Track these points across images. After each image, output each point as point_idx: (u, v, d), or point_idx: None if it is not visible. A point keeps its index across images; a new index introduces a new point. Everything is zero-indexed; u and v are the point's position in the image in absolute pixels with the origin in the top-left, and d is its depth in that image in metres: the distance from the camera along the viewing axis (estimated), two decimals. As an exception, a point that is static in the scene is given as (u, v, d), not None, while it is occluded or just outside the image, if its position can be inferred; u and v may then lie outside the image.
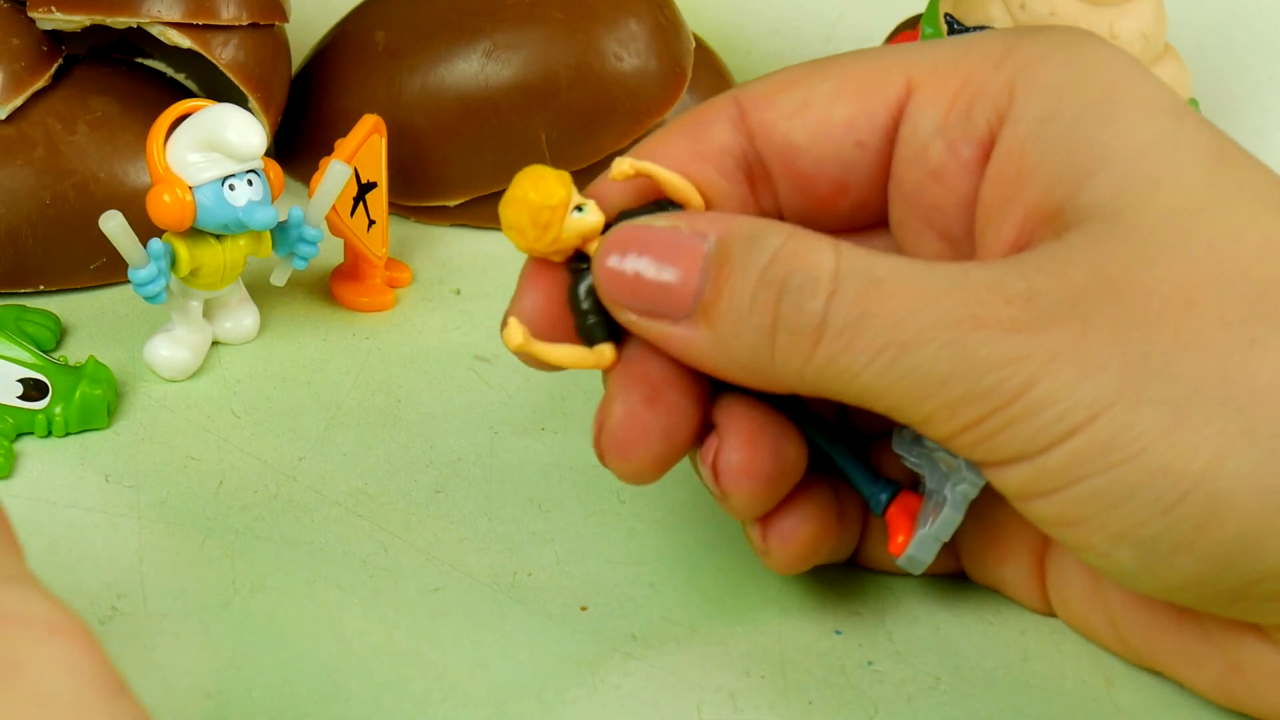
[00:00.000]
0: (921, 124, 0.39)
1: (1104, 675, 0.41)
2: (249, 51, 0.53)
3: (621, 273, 0.38)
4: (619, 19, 0.55)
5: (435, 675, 0.41)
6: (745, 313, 0.37)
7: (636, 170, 0.39)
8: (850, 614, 0.43)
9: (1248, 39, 0.66)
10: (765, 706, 0.40)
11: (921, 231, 0.40)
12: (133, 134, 0.53)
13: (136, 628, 0.41)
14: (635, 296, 0.38)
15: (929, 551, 0.40)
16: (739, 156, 0.40)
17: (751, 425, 0.39)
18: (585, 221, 0.39)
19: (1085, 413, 0.35)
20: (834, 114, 0.40)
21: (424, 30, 0.56)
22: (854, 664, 0.42)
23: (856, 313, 0.36)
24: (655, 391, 0.39)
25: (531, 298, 0.40)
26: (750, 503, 0.40)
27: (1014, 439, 0.35)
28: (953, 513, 0.40)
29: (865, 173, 0.40)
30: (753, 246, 0.37)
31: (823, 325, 0.36)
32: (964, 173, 0.39)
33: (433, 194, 0.56)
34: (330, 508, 0.45)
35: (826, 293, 0.36)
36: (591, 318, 0.39)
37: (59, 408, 0.47)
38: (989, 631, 0.43)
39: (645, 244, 0.38)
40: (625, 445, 0.39)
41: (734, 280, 0.37)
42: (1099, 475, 0.35)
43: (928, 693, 0.41)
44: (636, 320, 0.38)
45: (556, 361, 0.40)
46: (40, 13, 0.52)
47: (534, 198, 0.39)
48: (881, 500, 0.41)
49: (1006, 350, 0.35)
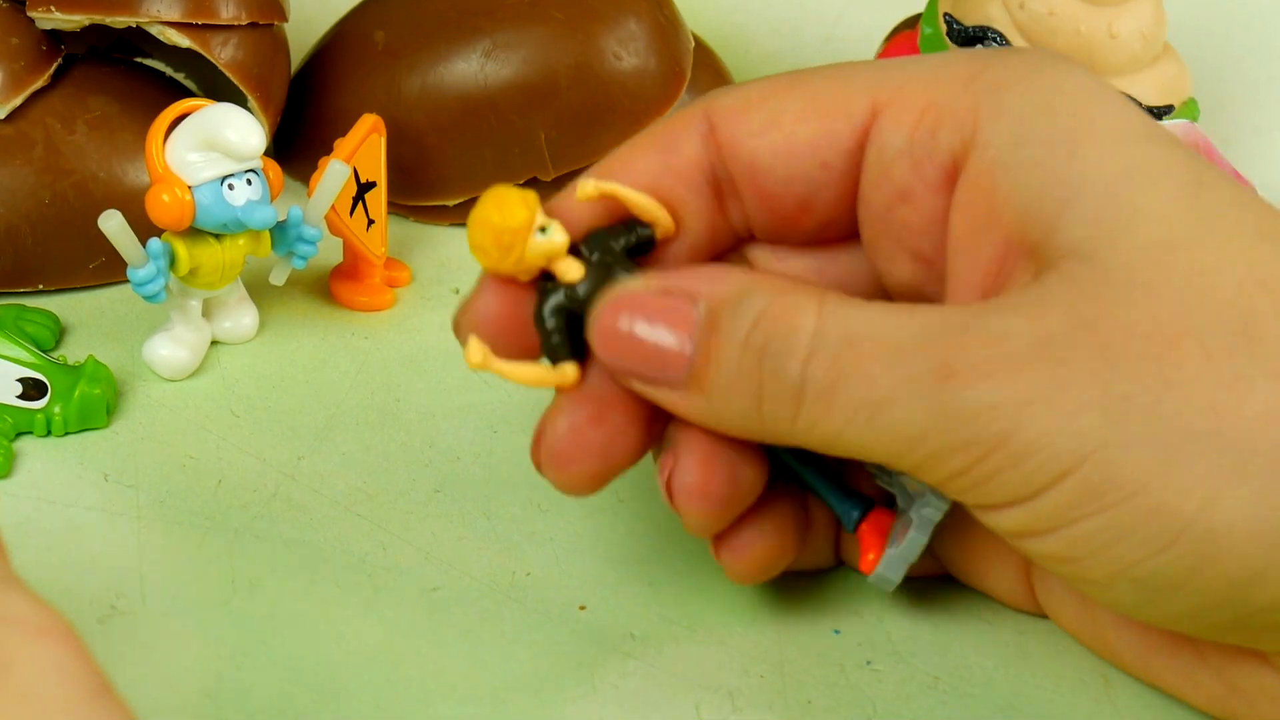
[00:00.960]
0: (887, 145, 0.39)
1: (1102, 675, 0.41)
2: (248, 51, 0.53)
3: (618, 339, 0.38)
4: (618, 18, 0.55)
5: (434, 674, 0.41)
6: (733, 379, 0.37)
7: (601, 192, 0.39)
8: (849, 613, 0.43)
9: (1248, 39, 0.66)
10: (764, 706, 0.40)
11: (893, 251, 0.40)
12: (132, 133, 0.53)
13: (136, 627, 0.41)
14: (635, 365, 0.38)
15: (897, 572, 0.40)
16: (707, 171, 0.40)
17: (706, 446, 0.39)
18: (549, 243, 0.39)
19: (1071, 457, 0.34)
20: (799, 133, 0.40)
21: (423, 30, 0.56)
22: (853, 663, 0.42)
23: (833, 375, 0.36)
24: (602, 410, 0.39)
25: (488, 302, 0.40)
26: (703, 522, 0.40)
27: (1003, 485, 0.35)
28: (918, 535, 0.40)
29: (830, 193, 0.40)
30: (737, 312, 0.37)
31: (801, 389, 0.36)
32: (930, 194, 0.39)
33: (432, 193, 0.56)
34: (329, 507, 0.45)
35: (804, 356, 0.36)
36: (556, 337, 0.39)
37: (58, 407, 0.47)
38: (988, 631, 0.43)
39: (638, 308, 0.38)
40: (563, 459, 0.39)
41: (721, 348, 0.37)
42: (1092, 517, 0.35)
43: (926, 692, 0.41)
44: (641, 388, 0.39)
45: (518, 380, 0.40)
46: (39, 12, 0.52)
47: (496, 219, 0.39)
48: (853, 518, 0.41)
49: (979, 398, 0.35)
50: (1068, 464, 0.35)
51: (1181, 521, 0.34)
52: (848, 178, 0.40)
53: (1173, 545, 0.35)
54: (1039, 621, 0.43)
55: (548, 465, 0.40)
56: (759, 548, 0.41)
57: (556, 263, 0.39)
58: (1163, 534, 0.34)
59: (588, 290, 0.39)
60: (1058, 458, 0.35)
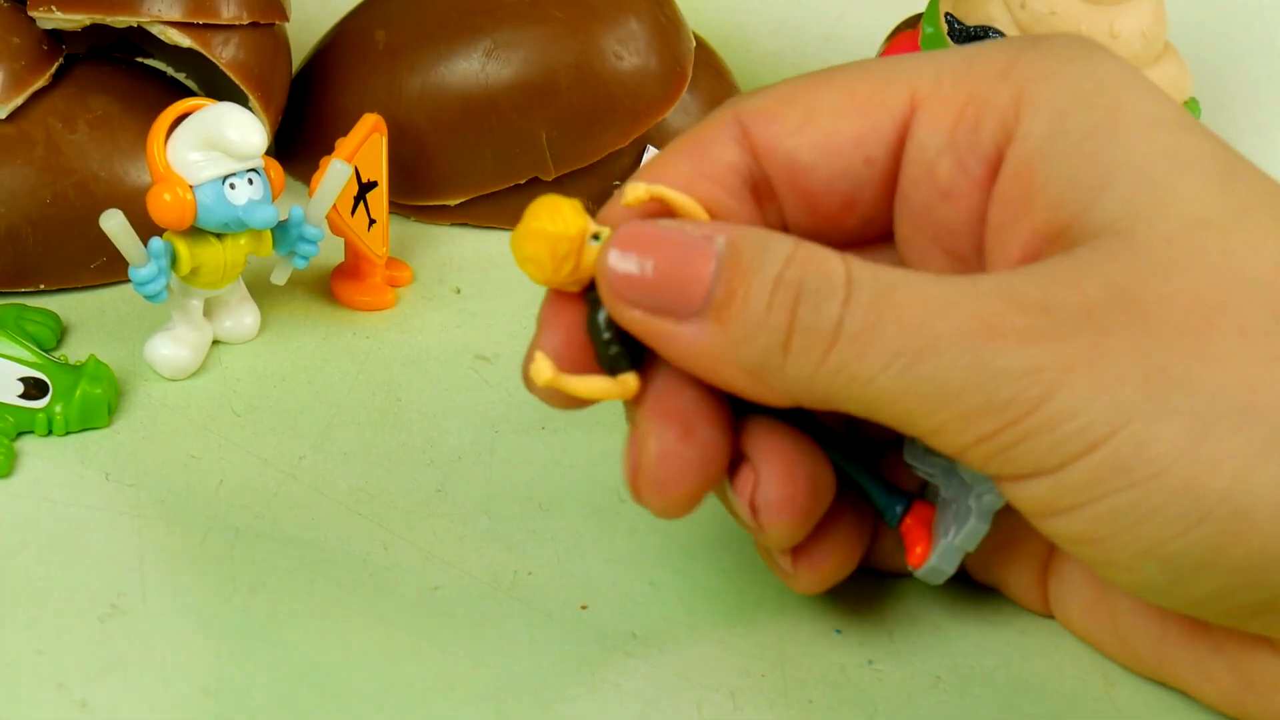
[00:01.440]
0: (928, 141, 0.39)
1: (1103, 675, 0.42)
2: (249, 50, 0.53)
3: (628, 274, 0.37)
4: (619, 18, 0.55)
5: (435, 674, 0.41)
6: (761, 315, 0.36)
7: (650, 195, 0.39)
8: (850, 613, 0.43)
9: (1248, 38, 0.67)
10: (765, 705, 0.40)
11: (928, 249, 0.40)
12: (133, 133, 0.53)
13: (136, 626, 0.41)
14: (641, 291, 0.37)
15: (952, 563, 0.40)
16: (744, 174, 0.40)
17: (786, 457, 0.39)
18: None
19: (1105, 427, 0.34)
20: (840, 129, 0.39)
21: (424, 29, 0.56)
22: (854, 663, 0.42)
23: (872, 318, 0.35)
24: (689, 426, 0.38)
25: (554, 335, 0.39)
26: (791, 536, 0.39)
27: (1030, 453, 0.35)
28: (979, 524, 0.39)
29: (873, 189, 0.40)
30: (765, 250, 0.36)
31: (838, 329, 0.36)
32: (974, 190, 0.39)
33: (433, 193, 0.56)
34: (330, 506, 0.45)
35: (842, 297, 0.36)
36: (614, 347, 0.38)
37: (59, 406, 0.47)
38: (989, 631, 0.43)
39: (653, 241, 0.37)
40: (664, 483, 0.38)
41: (751, 282, 0.36)
42: (1120, 493, 0.34)
43: (927, 692, 0.41)
44: (640, 318, 0.37)
45: (584, 394, 0.38)
46: (41, 12, 0.52)
47: (552, 229, 0.38)
48: (897, 513, 0.41)
49: (1024, 361, 0.35)
50: (1100, 433, 0.34)
51: (1212, 498, 0.34)
52: (888, 172, 0.39)
53: (1202, 523, 0.34)
54: (1041, 621, 0.43)
55: (649, 492, 0.39)
56: (834, 559, 0.40)
57: None
58: (1192, 511, 0.34)
59: None
60: (1091, 427, 0.34)
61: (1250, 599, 0.36)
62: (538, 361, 0.38)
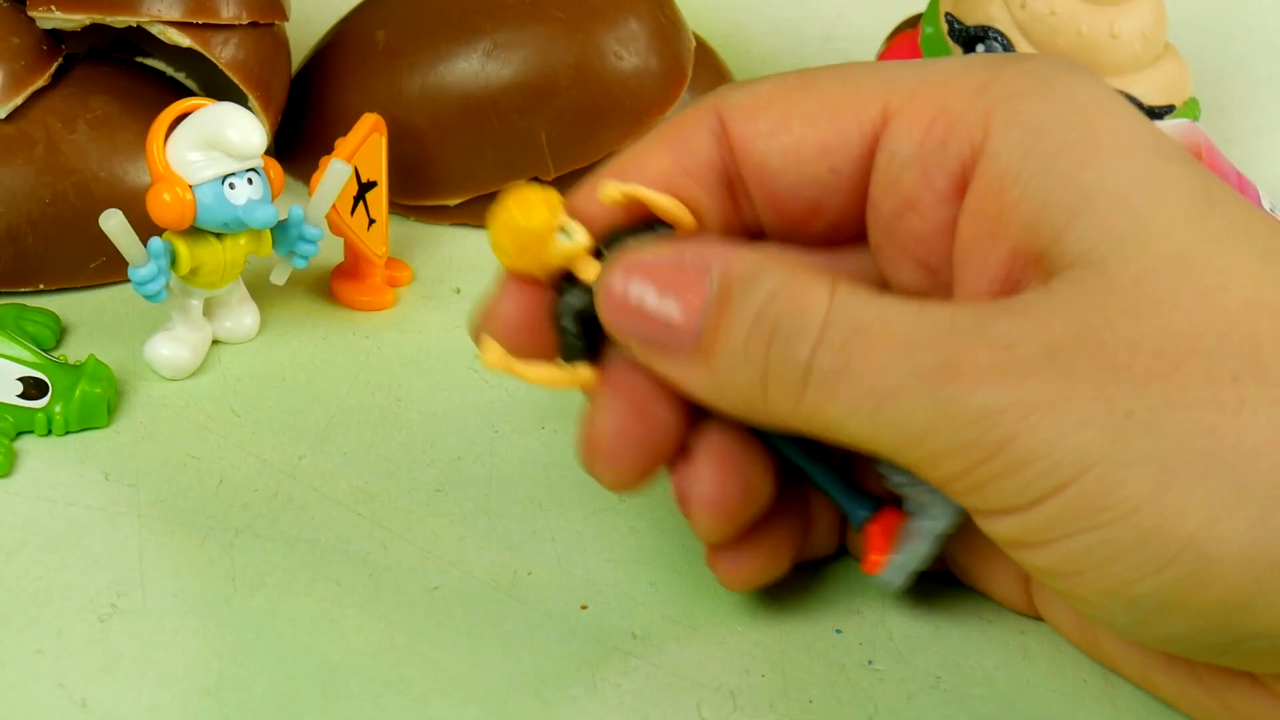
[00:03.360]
0: (897, 152, 0.39)
1: (1104, 674, 0.42)
2: (249, 50, 0.53)
3: (626, 304, 0.38)
4: (619, 18, 0.55)
5: (435, 673, 0.41)
6: (739, 356, 0.37)
7: (624, 194, 0.39)
8: (850, 613, 0.43)
9: (1248, 38, 0.67)
10: (765, 705, 0.40)
11: (899, 258, 0.40)
12: (133, 133, 0.53)
13: (136, 625, 0.41)
14: (639, 329, 0.38)
15: (899, 578, 0.40)
16: (720, 170, 0.40)
17: (726, 458, 0.39)
18: (570, 245, 0.39)
19: (1071, 470, 0.34)
20: (809, 137, 0.39)
21: (424, 29, 0.56)
22: (854, 663, 0.42)
23: (841, 362, 0.36)
24: (643, 404, 0.39)
25: (508, 304, 0.40)
26: (714, 533, 0.40)
27: (1000, 492, 0.35)
28: (922, 546, 0.40)
29: (840, 197, 0.40)
30: (750, 288, 0.37)
31: (808, 373, 0.36)
32: (938, 203, 0.39)
33: (433, 193, 0.56)
34: (330, 506, 0.45)
35: (813, 340, 0.36)
36: (573, 338, 0.39)
37: (59, 406, 0.47)
38: (989, 631, 0.43)
39: (649, 275, 0.38)
40: (614, 455, 0.39)
41: (730, 323, 0.37)
42: (1088, 533, 0.35)
43: (928, 692, 0.41)
44: (640, 351, 0.38)
45: (535, 381, 0.40)
46: (40, 12, 0.52)
47: (518, 220, 0.39)
48: (861, 518, 0.41)
49: (983, 402, 0.35)
50: (1066, 476, 0.34)
51: (1177, 544, 0.34)
52: (857, 182, 0.40)
53: (1168, 567, 0.34)
54: (1040, 622, 0.43)
55: (599, 465, 0.40)
56: (755, 564, 0.41)
57: (577, 264, 0.39)
58: (1158, 555, 0.34)
59: None
60: (1057, 469, 0.34)
61: (1218, 641, 0.36)
62: (486, 344, 0.39)
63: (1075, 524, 0.35)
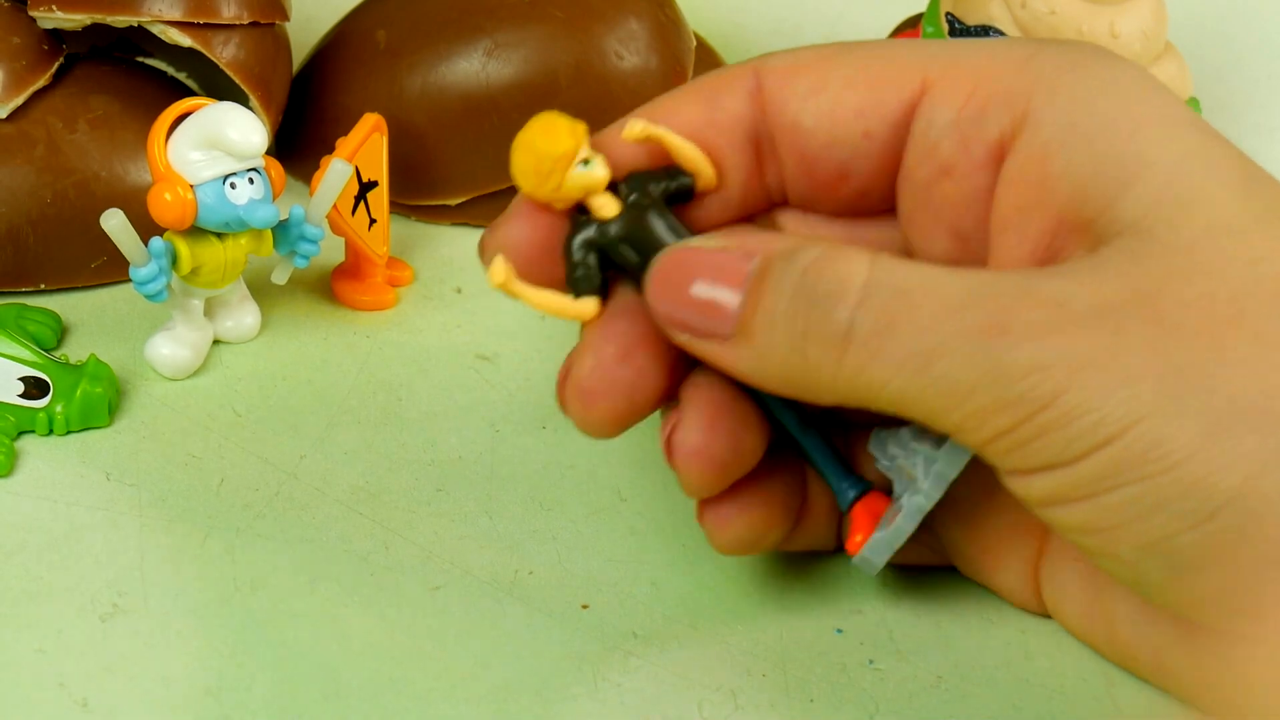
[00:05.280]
0: (935, 120, 0.39)
1: (1105, 674, 0.41)
2: (250, 50, 0.53)
3: (672, 297, 0.38)
4: (619, 17, 0.55)
5: (436, 673, 0.41)
6: (780, 324, 0.37)
7: (648, 135, 0.39)
8: (851, 612, 0.43)
9: (1248, 38, 0.67)
10: (766, 705, 0.40)
11: (931, 227, 0.40)
12: (133, 132, 0.53)
13: (137, 625, 0.41)
14: (686, 317, 0.38)
15: (880, 555, 0.40)
16: (749, 129, 0.40)
17: (713, 408, 0.39)
18: (590, 176, 0.39)
19: (1119, 423, 0.34)
20: (845, 100, 0.40)
21: (425, 29, 0.56)
22: (855, 662, 0.42)
23: (883, 322, 0.36)
24: (628, 349, 0.39)
25: (519, 228, 0.40)
26: (700, 484, 0.40)
27: (1046, 447, 0.35)
28: (905, 522, 0.40)
29: (869, 163, 0.40)
30: (789, 262, 0.37)
31: (849, 334, 0.36)
32: (974, 170, 0.39)
33: (434, 193, 0.56)
34: (331, 506, 0.45)
35: (854, 302, 0.36)
36: (582, 270, 0.40)
37: (60, 406, 0.47)
38: (990, 630, 0.43)
39: (694, 268, 0.38)
40: (589, 395, 0.39)
41: (769, 294, 0.37)
42: (1131, 485, 0.35)
43: (929, 691, 0.41)
44: (688, 341, 0.38)
45: (536, 305, 0.40)
46: (41, 11, 0.52)
47: (540, 145, 0.39)
48: (849, 497, 0.41)
49: (1033, 357, 0.35)
50: (1114, 430, 0.34)
51: (1223, 496, 0.34)
52: (889, 149, 0.40)
53: (1210, 519, 0.34)
54: (1042, 621, 0.43)
55: (573, 401, 0.40)
56: (744, 520, 0.41)
57: (594, 197, 0.39)
58: (1201, 507, 0.34)
59: (619, 230, 0.39)
60: (1105, 423, 0.34)
61: (1249, 603, 0.36)
62: (496, 263, 0.39)
63: (1119, 477, 0.35)
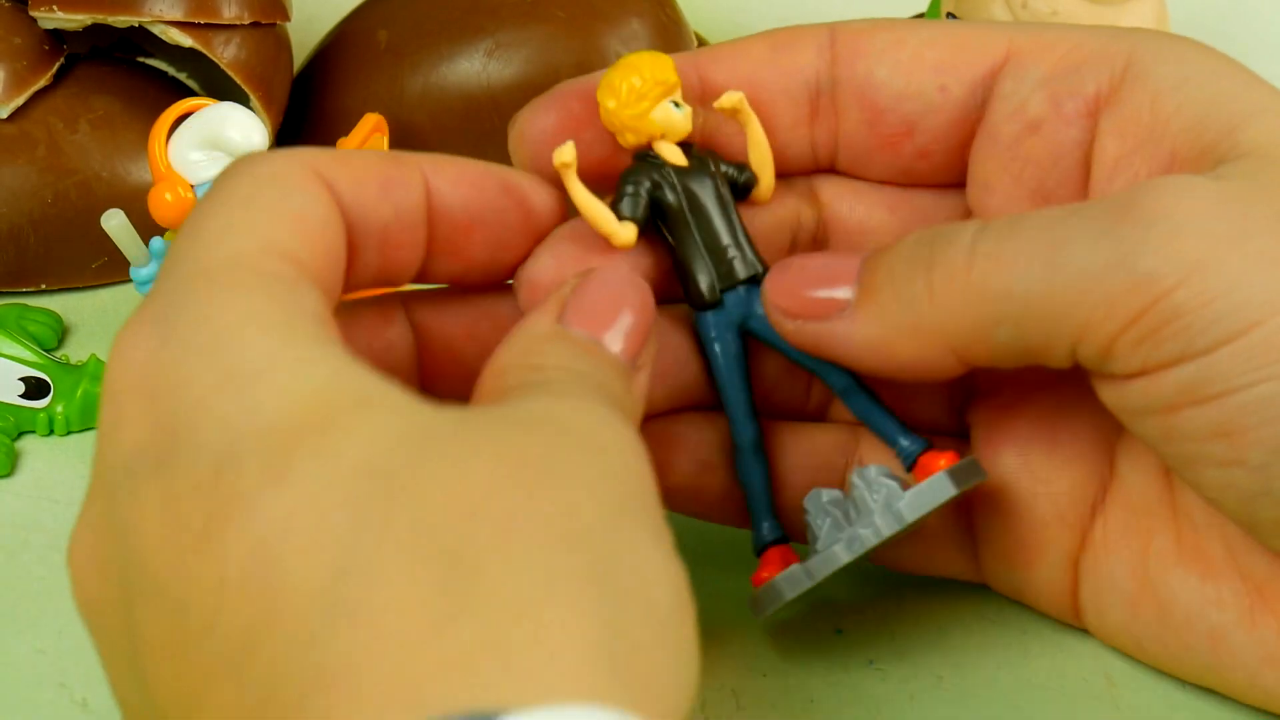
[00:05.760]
0: (1024, 77, 0.39)
1: (1105, 674, 0.41)
2: (251, 50, 0.53)
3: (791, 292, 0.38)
4: (621, 18, 0.55)
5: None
6: (903, 271, 0.36)
7: (737, 110, 0.39)
8: (852, 613, 0.43)
9: (1248, 38, 0.67)
10: (767, 705, 0.40)
11: (1010, 188, 0.39)
12: (134, 133, 0.53)
13: (138, 626, 0.41)
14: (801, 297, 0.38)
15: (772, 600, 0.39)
16: (812, 82, 0.40)
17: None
18: (675, 118, 0.39)
19: (1260, 310, 0.33)
20: (924, 57, 0.40)
21: (426, 29, 0.56)
22: (856, 663, 0.42)
23: (1006, 232, 0.35)
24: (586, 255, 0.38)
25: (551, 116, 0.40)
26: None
27: (1179, 334, 0.33)
28: (843, 551, 0.38)
29: (940, 118, 0.40)
30: (900, 241, 0.37)
31: (973, 251, 0.35)
32: (1064, 125, 0.38)
33: (434, 193, 0.56)
34: (332, 506, 0.45)
35: (973, 232, 0.36)
36: (632, 198, 0.39)
37: (61, 406, 0.47)
38: (991, 631, 0.43)
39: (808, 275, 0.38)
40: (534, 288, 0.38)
41: (889, 257, 0.37)
42: (1268, 382, 0.33)
43: (930, 691, 0.41)
44: (799, 327, 0.38)
45: (581, 205, 0.38)
46: (42, 12, 0.52)
47: (647, 67, 0.39)
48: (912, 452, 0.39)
49: (1164, 232, 0.33)
50: (1254, 316, 0.33)
51: None
52: (963, 109, 0.40)
53: None
54: (1043, 622, 0.43)
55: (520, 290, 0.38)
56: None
57: (666, 143, 0.39)
58: None
59: (682, 181, 0.39)
60: (1244, 307, 0.33)
61: None
62: (567, 145, 0.38)
63: (1255, 372, 0.33)
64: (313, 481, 0.28)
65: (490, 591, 0.26)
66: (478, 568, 0.27)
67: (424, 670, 0.26)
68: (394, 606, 0.26)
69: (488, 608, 0.26)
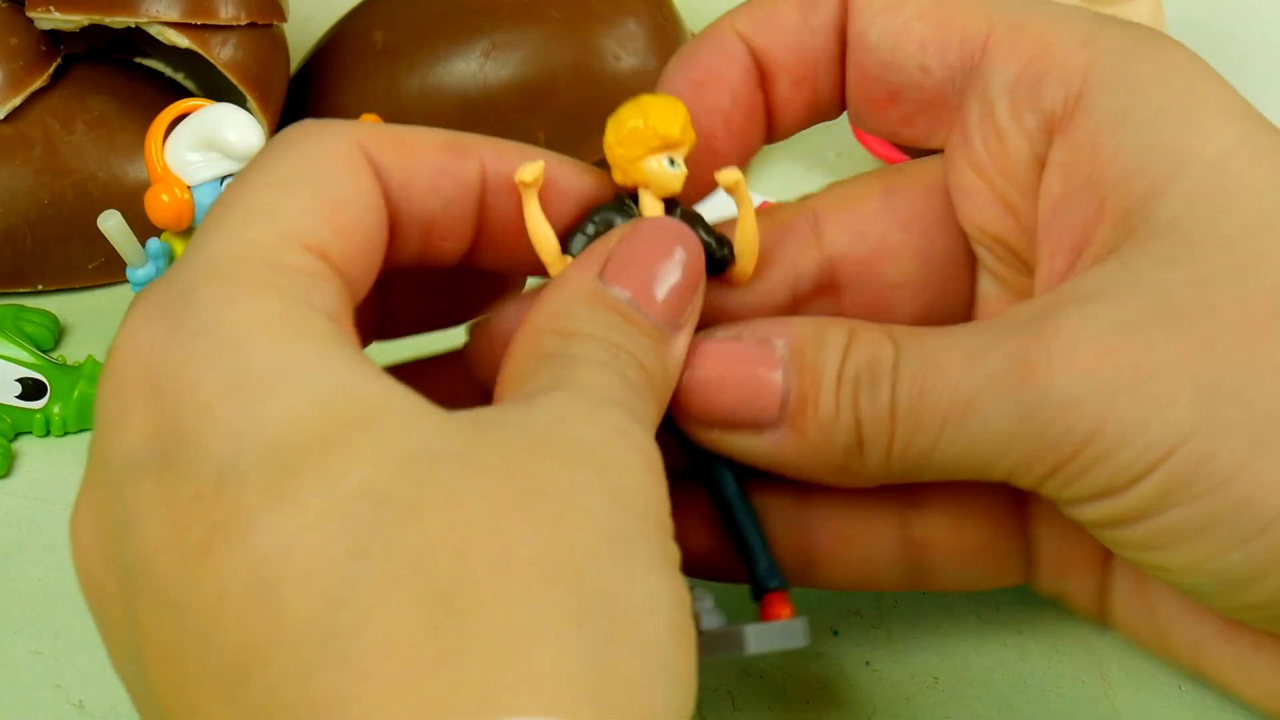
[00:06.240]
0: (992, 79, 0.39)
1: (1101, 675, 0.41)
2: (247, 51, 0.53)
3: (708, 386, 0.37)
4: (617, 18, 0.55)
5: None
6: (833, 417, 0.36)
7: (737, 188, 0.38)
8: (849, 613, 0.43)
9: (1248, 38, 0.67)
10: (764, 706, 0.40)
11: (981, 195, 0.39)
12: (131, 133, 0.53)
13: (134, 627, 0.41)
14: (727, 406, 0.37)
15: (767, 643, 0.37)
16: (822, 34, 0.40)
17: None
18: (666, 174, 0.38)
19: (1163, 448, 0.34)
20: (912, 30, 0.39)
21: (422, 29, 0.56)
22: (852, 664, 0.42)
23: (917, 389, 0.35)
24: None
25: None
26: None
27: (1094, 481, 0.35)
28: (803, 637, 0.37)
29: (919, 95, 0.40)
30: (824, 346, 0.37)
31: (893, 412, 0.36)
32: (1024, 139, 0.38)
33: (431, 193, 0.56)
34: (328, 507, 0.45)
35: (890, 380, 0.36)
36: (586, 237, 0.38)
37: (57, 407, 0.47)
38: (987, 631, 0.43)
39: (717, 359, 0.37)
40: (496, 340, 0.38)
41: (817, 385, 0.36)
42: (1181, 507, 0.34)
43: (926, 692, 0.41)
44: (719, 436, 0.37)
45: (533, 233, 0.37)
46: (39, 12, 0.52)
47: (654, 116, 0.38)
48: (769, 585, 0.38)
49: (1063, 393, 0.34)
50: (1159, 454, 0.34)
51: (1269, 514, 0.34)
52: (940, 93, 0.40)
53: (1259, 536, 0.34)
54: (1039, 622, 0.43)
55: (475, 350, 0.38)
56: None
57: (650, 194, 0.38)
58: (1249, 525, 0.34)
59: None
60: (1148, 450, 0.34)
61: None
62: (535, 164, 0.37)
63: (1168, 499, 0.34)
64: (314, 503, 0.28)
65: (479, 634, 0.27)
66: (469, 609, 0.27)
67: (410, 713, 0.26)
68: (386, 645, 0.27)
69: (476, 651, 0.27)
